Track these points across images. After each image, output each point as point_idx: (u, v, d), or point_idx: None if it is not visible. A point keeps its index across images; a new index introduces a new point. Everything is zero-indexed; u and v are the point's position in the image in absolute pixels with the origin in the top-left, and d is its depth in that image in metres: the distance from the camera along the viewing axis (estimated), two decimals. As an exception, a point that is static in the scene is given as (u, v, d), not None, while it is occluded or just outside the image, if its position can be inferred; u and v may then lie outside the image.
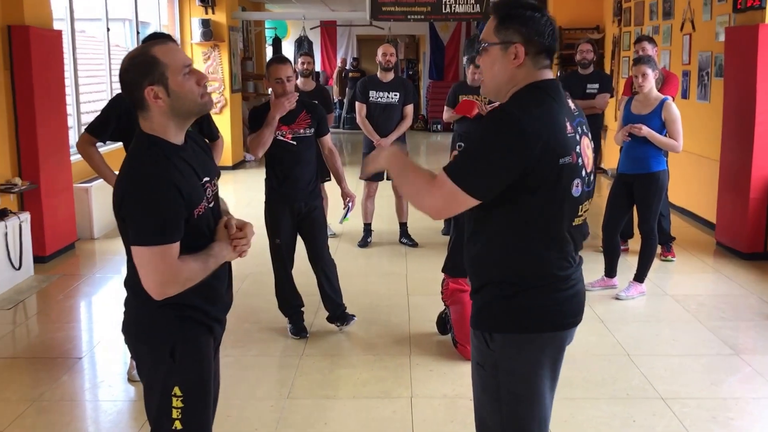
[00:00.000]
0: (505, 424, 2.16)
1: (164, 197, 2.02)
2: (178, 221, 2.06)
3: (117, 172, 2.15)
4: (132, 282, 2.19)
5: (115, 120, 3.87)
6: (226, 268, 2.33)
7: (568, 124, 2.01)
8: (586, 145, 2.09)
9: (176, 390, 2.21)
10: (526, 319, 2.08)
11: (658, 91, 5.23)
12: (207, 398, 2.30)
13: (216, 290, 2.27)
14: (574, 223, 2.09)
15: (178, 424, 2.23)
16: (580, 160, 2.03)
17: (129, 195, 2.04)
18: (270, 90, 4.42)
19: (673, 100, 5.34)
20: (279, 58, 4.48)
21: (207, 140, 4.13)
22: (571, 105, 2.10)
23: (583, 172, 2.05)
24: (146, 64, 2.05)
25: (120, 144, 4.01)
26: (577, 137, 2.04)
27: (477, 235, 2.12)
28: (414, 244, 6.75)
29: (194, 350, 2.23)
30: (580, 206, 2.08)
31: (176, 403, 2.21)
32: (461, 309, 4.25)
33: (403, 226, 6.88)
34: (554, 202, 2.00)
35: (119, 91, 4.34)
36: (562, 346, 2.17)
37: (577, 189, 2.03)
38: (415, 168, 2.10)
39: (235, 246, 2.21)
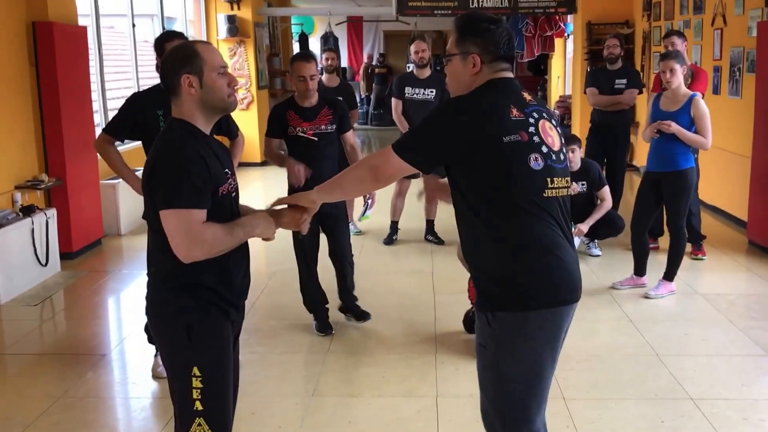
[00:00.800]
0: (505, 401, 2.27)
1: (192, 165, 2.18)
2: (205, 189, 2.20)
3: (136, 171, 2.24)
4: (151, 264, 2.34)
5: (132, 119, 3.87)
6: (244, 254, 2.41)
7: (514, 110, 2.22)
8: (548, 128, 2.29)
9: (195, 370, 2.28)
10: (522, 296, 2.21)
11: (687, 87, 5.13)
12: (226, 379, 2.36)
13: (231, 275, 2.34)
14: (546, 194, 2.23)
15: (198, 405, 2.30)
16: (536, 138, 2.22)
17: (159, 164, 2.20)
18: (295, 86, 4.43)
19: (703, 96, 5.23)
20: (303, 55, 4.49)
21: (227, 138, 4.17)
22: (527, 96, 2.31)
23: (544, 149, 2.23)
24: (188, 55, 2.27)
25: (139, 143, 4.00)
26: (531, 120, 2.24)
27: (462, 223, 2.31)
28: (440, 242, 6.70)
29: (210, 331, 2.31)
30: (548, 179, 2.23)
31: (196, 383, 2.29)
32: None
33: (430, 223, 6.83)
34: (511, 173, 2.18)
35: (144, 87, 4.40)
36: (561, 324, 2.27)
37: (536, 163, 2.21)
38: (342, 173, 2.42)
39: (300, 222, 2.42)
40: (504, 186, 2.18)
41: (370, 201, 4.60)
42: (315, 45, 16.51)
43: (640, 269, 5.36)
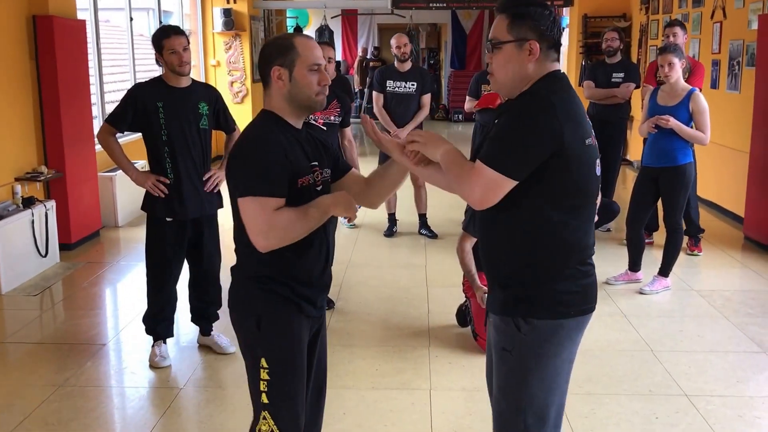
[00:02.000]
0: (526, 410, 2.20)
1: (269, 153, 2.16)
2: (281, 178, 2.16)
3: (134, 164, 2.19)
4: (236, 257, 2.33)
5: (132, 111, 3.90)
6: (326, 249, 2.35)
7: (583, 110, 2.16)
8: None
9: (263, 361, 2.26)
10: (560, 303, 2.14)
11: (685, 81, 5.13)
12: (296, 374, 2.29)
13: (308, 270, 2.29)
14: (596, 202, 2.20)
15: (264, 398, 2.27)
16: (596, 143, 2.17)
17: (237, 153, 2.21)
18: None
19: (700, 91, 5.24)
20: (324, 41, 4.75)
21: (224, 132, 4.21)
22: None
23: (599, 153, 2.20)
24: (283, 47, 2.23)
25: (139, 135, 4.04)
26: (590, 122, 2.17)
27: (507, 220, 2.13)
28: (433, 236, 6.73)
29: (280, 324, 2.27)
30: (599, 186, 2.19)
31: (263, 374, 2.26)
32: (482, 301, 4.24)
33: (422, 217, 6.87)
34: (586, 181, 2.10)
35: (141, 80, 4.41)
36: (583, 331, 2.25)
37: (598, 168, 2.16)
38: (460, 161, 2.11)
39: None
40: (579, 192, 2.09)
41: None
42: (311, 38, 16.46)
43: (635, 264, 5.38)
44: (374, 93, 6.59)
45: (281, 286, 2.26)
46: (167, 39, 3.81)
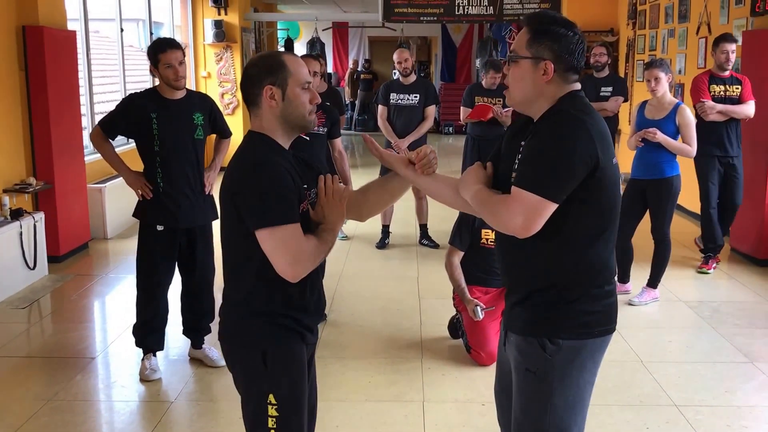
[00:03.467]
0: (550, 429, 2.17)
1: (281, 179, 2.08)
2: (296, 203, 2.10)
3: (128, 167, 2.11)
4: (229, 290, 2.24)
5: (124, 121, 3.93)
6: (319, 275, 2.32)
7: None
8: None
9: (270, 398, 2.18)
10: (585, 324, 2.12)
11: (740, 95, 5.25)
12: (302, 406, 2.25)
13: (306, 299, 2.24)
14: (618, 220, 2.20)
15: None
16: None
17: (245, 183, 2.08)
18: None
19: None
20: (310, 54, 4.68)
21: (219, 137, 4.24)
22: None
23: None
24: (274, 65, 2.16)
25: (132, 144, 4.06)
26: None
27: (536, 240, 2.06)
28: (435, 246, 6.77)
29: (286, 357, 2.21)
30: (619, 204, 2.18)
31: (271, 411, 2.19)
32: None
33: (423, 227, 6.91)
34: (614, 200, 2.10)
35: (132, 91, 4.42)
36: (604, 351, 2.22)
37: (619, 187, 2.14)
38: (492, 194, 2.13)
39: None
40: (604, 212, 2.08)
41: None
42: (301, 50, 16.53)
43: (623, 276, 5.41)
44: (379, 106, 6.65)
45: (286, 318, 2.19)
46: (163, 53, 3.82)
